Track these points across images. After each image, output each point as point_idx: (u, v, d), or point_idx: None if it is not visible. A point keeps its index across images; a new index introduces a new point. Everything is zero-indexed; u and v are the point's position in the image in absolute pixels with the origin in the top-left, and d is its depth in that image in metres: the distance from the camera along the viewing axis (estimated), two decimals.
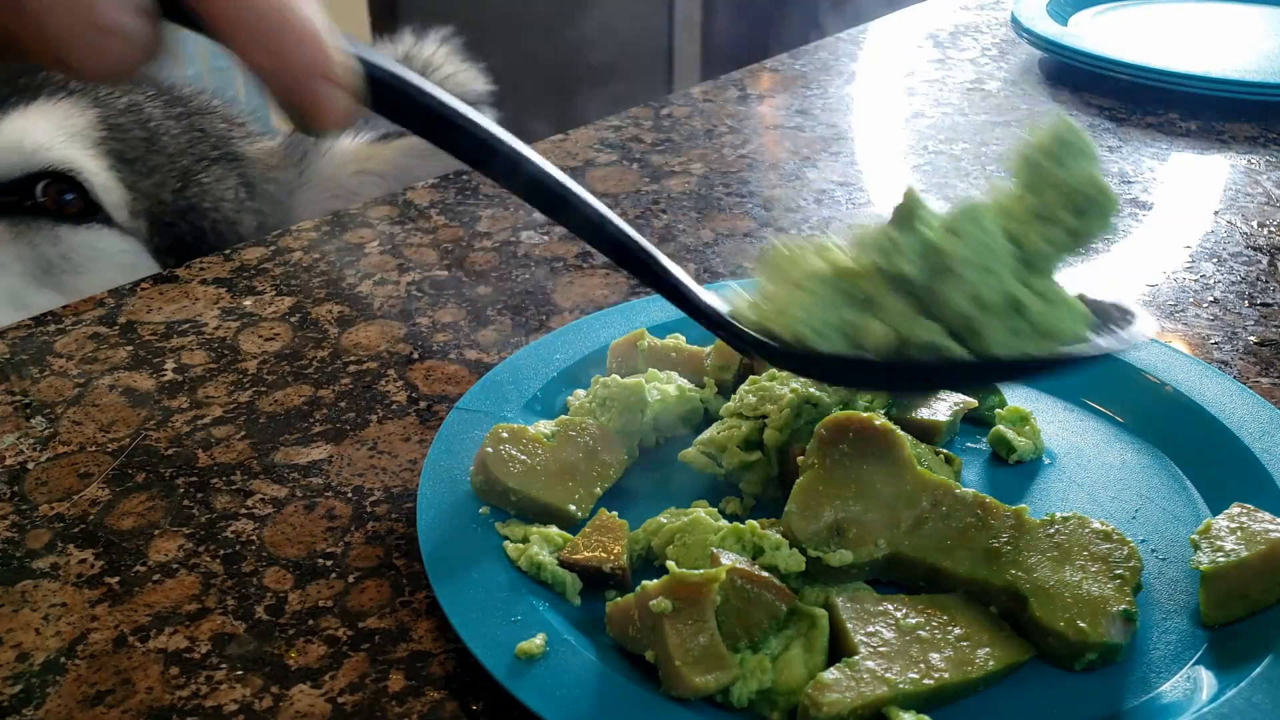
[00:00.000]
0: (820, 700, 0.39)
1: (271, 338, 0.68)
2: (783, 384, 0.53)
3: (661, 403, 0.55)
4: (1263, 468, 0.52)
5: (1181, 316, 0.70)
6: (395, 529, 0.52)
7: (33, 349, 0.67)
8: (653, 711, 0.40)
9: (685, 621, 0.41)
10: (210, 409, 0.61)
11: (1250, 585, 0.45)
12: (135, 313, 0.71)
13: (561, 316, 0.70)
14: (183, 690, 0.43)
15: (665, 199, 0.86)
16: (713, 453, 0.53)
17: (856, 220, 0.42)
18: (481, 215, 0.84)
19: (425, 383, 0.63)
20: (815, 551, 0.45)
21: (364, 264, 0.77)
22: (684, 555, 0.46)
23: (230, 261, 0.77)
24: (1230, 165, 0.93)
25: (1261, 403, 0.56)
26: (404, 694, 0.43)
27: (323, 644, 0.45)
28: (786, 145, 0.97)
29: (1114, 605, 0.43)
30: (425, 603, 0.47)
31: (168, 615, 0.47)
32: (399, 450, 0.57)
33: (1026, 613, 0.44)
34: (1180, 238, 0.81)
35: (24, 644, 0.46)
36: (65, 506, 0.53)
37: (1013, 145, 0.43)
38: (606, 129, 1.00)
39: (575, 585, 0.46)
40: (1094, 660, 0.43)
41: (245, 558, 0.50)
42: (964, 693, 0.42)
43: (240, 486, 0.55)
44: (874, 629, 0.43)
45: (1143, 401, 0.58)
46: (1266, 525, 0.46)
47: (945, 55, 1.22)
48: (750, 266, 0.75)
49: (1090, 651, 0.42)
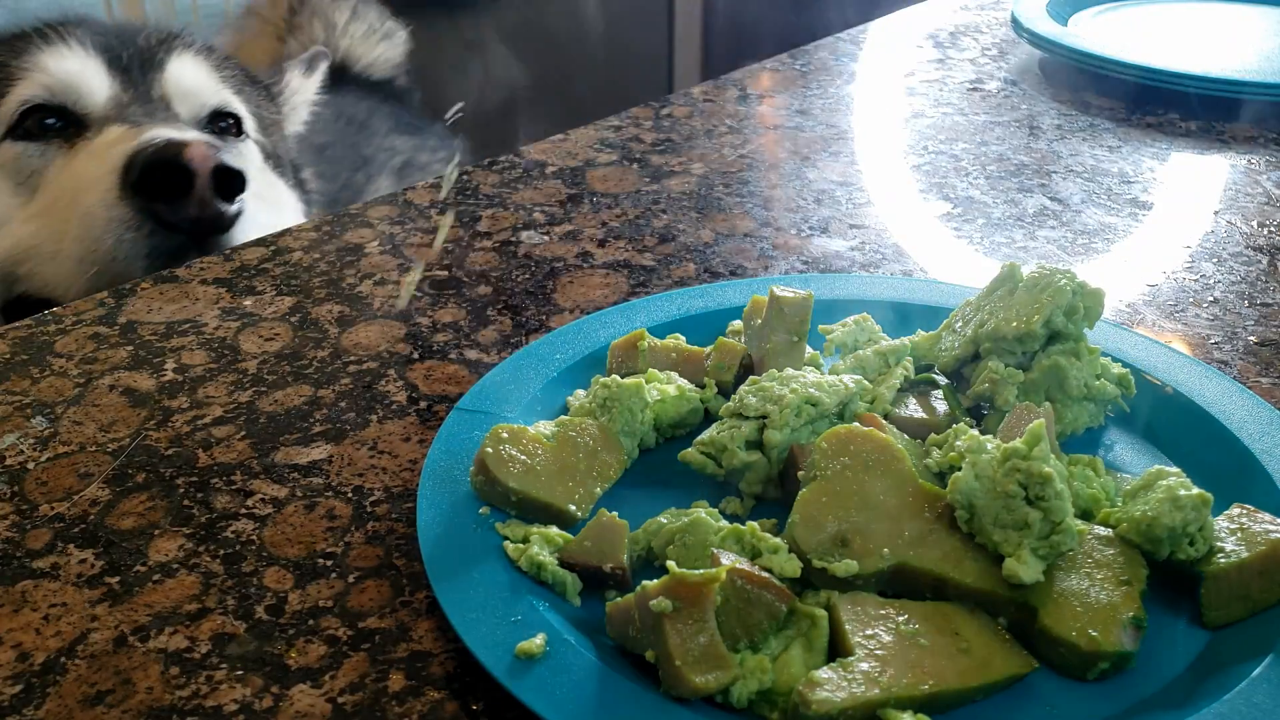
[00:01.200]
0: (810, 698, 0.39)
1: (271, 338, 0.68)
2: (782, 384, 0.53)
3: (661, 403, 0.55)
4: (1262, 468, 0.52)
5: (1181, 316, 0.70)
6: (395, 529, 0.52)
7: (33, 349, 0.67)
8: (653, 711, 0.40)
9: (685, 621, 0.41)
10: (210, 409, 0.61)
11: (1251, 586, 0.45)
12: (135, 313, 0.71)
13: (561, 316, 0.70)
14: (183, 690, 0.43)
15: (665, 199, 0.86)
16: (712, 453, 0.53)
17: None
18: (481, 215, 0.84)
19: (425, 383, 0.63)
20: (820, 562, 0.45)
21: (364, 264, 0.77)
22: (684, 555, 0.46)
23: (230, 262, 0.77)
24: (1230, 165, 0.93)
25: (1261, 403, 0.56)
26: (404, 694, 0.43)
27: (323, 644, 0.45)
28: (786, 145, 0.97)
29: (1124, 612, 0.43)
30: (425, 603, 0.47)
31: (168, 615, 0.47)
32: (399, 450, 0.57)
33: (1036, 623, 0.43)
34: (1180, 238, 0.81)
35: (24, 644, 0.46)
36: (65, 506, 0.53)
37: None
38: (606, 129, 1.00)
39: (575, 585, 0.46)
40: (1106, 669, 0.43)
41: (245, 558, 0.50)
42: (962, 700, 0.42)
43: (240, 486, 0.55)
44: (873, 631, 0.43)
45: (1143, 401, 0.58)
46: (1266, 526, 0.46)
47: (945, 55, 1.22)
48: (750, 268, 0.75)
49: (1103, 661, 0.42)
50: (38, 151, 0.91)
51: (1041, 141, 0.98)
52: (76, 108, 0.92)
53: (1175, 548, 0.46)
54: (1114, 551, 0.46)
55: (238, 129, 1.01)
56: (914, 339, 0.60)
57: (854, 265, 0.76)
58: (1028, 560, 0.44)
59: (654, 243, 0.79)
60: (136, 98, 0.94)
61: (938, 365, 0.59)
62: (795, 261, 0.77)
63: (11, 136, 0.92)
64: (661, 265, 0.76)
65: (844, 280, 0.68)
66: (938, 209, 0.86)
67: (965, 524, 0.46)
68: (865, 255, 0.78)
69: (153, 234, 0.83)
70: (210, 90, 0.99)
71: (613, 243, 0.79)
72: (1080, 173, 0.91)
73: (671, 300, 0.66)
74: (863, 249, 0.79)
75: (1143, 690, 0.42)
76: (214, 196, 0.83)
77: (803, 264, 0.77)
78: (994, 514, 0.45)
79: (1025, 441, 0.45)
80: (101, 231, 0.83)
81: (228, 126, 1.00)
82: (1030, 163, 0.93)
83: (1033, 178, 0.91)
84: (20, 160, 0.91)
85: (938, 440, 0.51)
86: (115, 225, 0.83)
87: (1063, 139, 0.98)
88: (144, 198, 0.82)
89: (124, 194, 0.83)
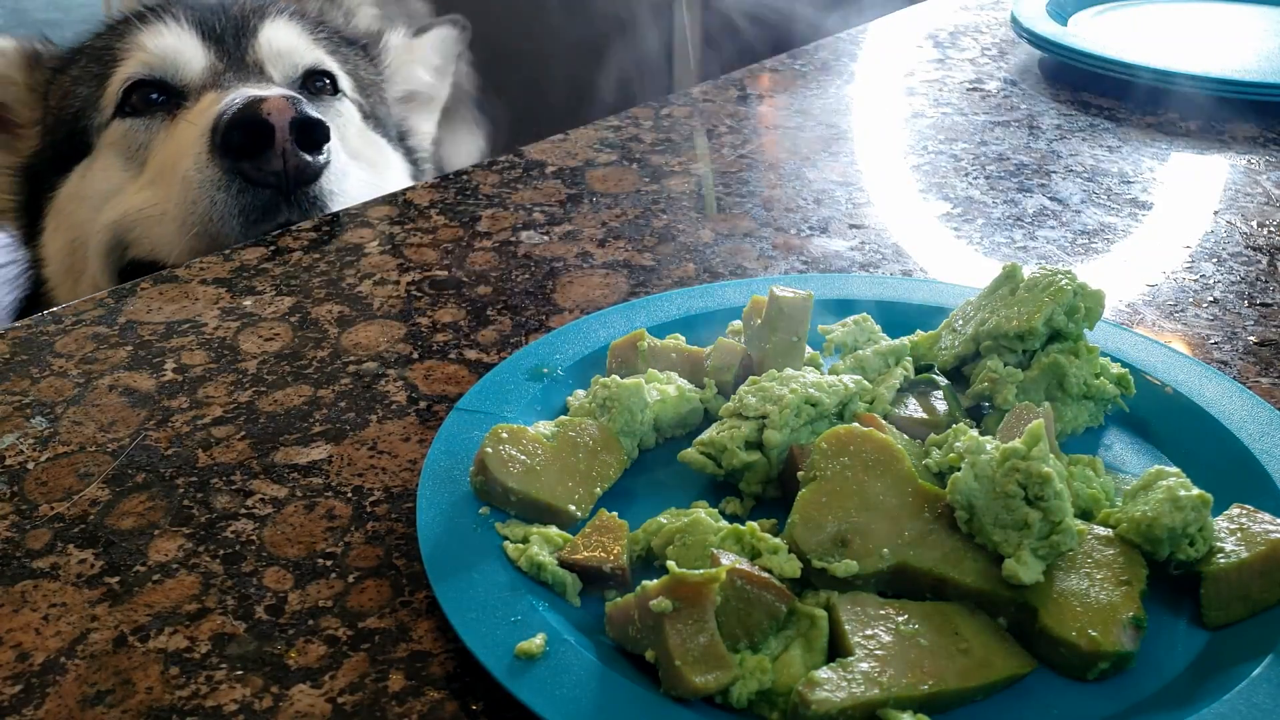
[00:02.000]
0: (809, 697, 0.40)
1: (271, 338, 0.68)
2: (782, 384, 0.53)
3: (661, 403, 0.55)
4: (1262, 468, 0.52)
5: (1181, 316, 0.70)
6: (395, 529, 0.52)
7: (33, 349, 0.67)
8: (652, 711, 0.40)
9: (685, 621, 0.41)
10: (210, 409, 0.61)
11: (1251, 586, 0.45)
12: (135, 313, 0.71)
13: (561, 316, 0.70)
14: (183, 690, 0.43)
15: (665, 199, 0.86)
16: (712, 453, 0.53)
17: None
18: (481, 215, 0.84)
19: (425, 383, 0.63)
20: (820, 562, 0.45)
21: (364, 264, 0.77)
22: (684, 556, 0.46)
23: (230, 261, 0.77)
24: (1230, 165, 0.93)
25: (1260, 403, 0.56)
26: (404, 694, 0.43)
27: (323, 644, 0.45)
28: (786, 145, 0.97)
29: (1123, 612, 0.43)
30: (425, 603, 0.47)
31: (168, 615, 0.47)
32: (399, 450, 0.57)
33: (1036, 623, 0.43)
34: (1180, 238, 0.81)
35: (24, 644, 0.45)
36: (65, 506, 0.53)
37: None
38: (606, 129, 1.00)
39: (575, 585, 0.46)
40: (1106, 670, 0.42)
41: (245, 558, 0.50)
42: (961, 700, 0.42)
43: (240, 486, 0.55)
44: (873, 632, 0.43)
45: (1143, 402, 0.58)
46: (1266, 526, 0.46)
47: (945, 55, 1.22)
48: (749, 268, 0.75)
49: (1103, 661, 0.42)
50: (144, 126, 0.95)
51: (1041, 141, 0.98)
52: (175, 80, 0.96)
53: (1175, 548, 0.46)
54: (1114, 552, 0.46)
55: (334, 88, 1.03)
56: (914, 339, 0.60)
57: (854, 265, 0.76)
58: (1027, 560, 0.44)
59: (654, 243, 0.79)
60: (231, 65, 0.97)
61: (937, 365, 0.59)
62: (795, 261, 0.77)
63: (119, 115, 0.96)
64: (661, 265, 0.76)
65: (844, 280, 0.68)
66: (938, 209, 0.86)
67: (965, 524, 0.46)
68: (865, 255, 0.78)
69: (241, 191, 0.85)
70: (303, 50, 1.02)
71: (612, 243, 0.79)
72: (1080, 173, 0.91)
73: (671, 300, 0.66)
74: (863, 249, 0.79)
75: (1143, 690, 0.42)
76: (295, 148, 0.85)
77: (803, 264, 0.77)
78: (994, 514, 0.45)
79: (1025, 441, 0.45)
80: (197, 193, 0.86)
81: (323, 86, 1.02)
82: (1030, 163, 0.93)
83: (1033, 178, 0.91)
84: (129, 136, 0.96)
85: (937, 440, 0.51)
86: (208, 186, 0.86)
87: (1063, 139, 0.98)
88: (231, 157, 0.85)
89: (212, 155, 0.86)
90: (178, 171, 0.88)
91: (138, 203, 0.93)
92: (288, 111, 0.84)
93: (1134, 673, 0.43)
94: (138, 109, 0.96)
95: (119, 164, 0.96)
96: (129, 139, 0.96)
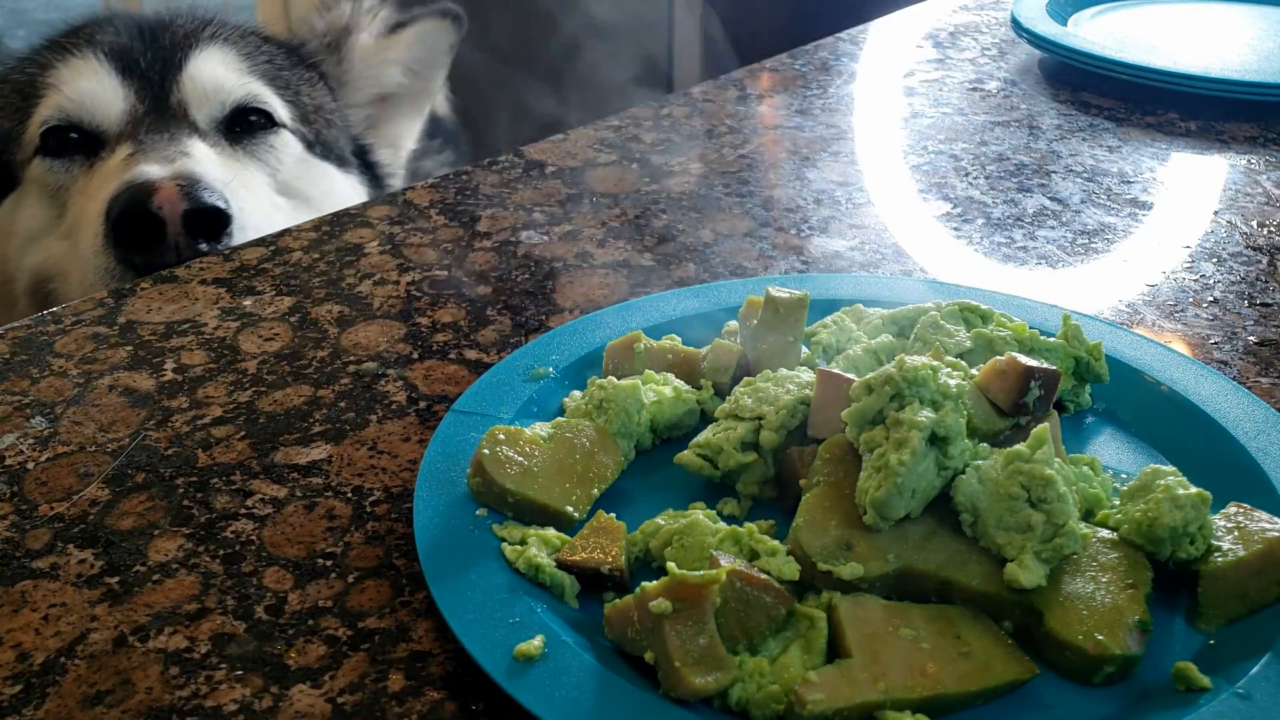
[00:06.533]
0: (806, 698, 0.40)
1: (271, 338, 0.68)
2: (778, 385, 0.53)
3: (658, 404, 0.55)
4: (1259, 467, 0.52)
5: (1181, 316, 0.70)
6: (395, 529, 0.52)
7: (32, 349, 0.67)
8: (652, 713, 0.40)
9: (685, 623, 0.41)
10: (210, 409, 0.61)
11: (1248, 585, 0.45)
12: (135, 313, 0.71)
13: (561, 316, 0.70)
14: (183, 690, 0.43)
15: (665, 199, 0.86)
16: (709, 455, 0.53)
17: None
18: (481, 215, 0.84)
19: (425, 383, 0.63)
20: (826, 565, 0.45)
21: (364, 264, 0.77)
22: (682, 557, 0.46)
23: (230, 261, 0.78)
24: (1230, 165, 0.93)
25: (1257, 402, 0.56)
26: (404, 694, 0.43)
27: (323, 644, 0.45)
28: (786, 145, 0.97)
29: (1129, 616, 0.43)
30: (425, 603, 0.47)
31: (168, 615, 0.47)
32: (399, 450, 0.57)
33: (1042, 627, 0.43)
34: (1180, 238, 0.81)
35: (24, 644, 0.46)
36: (65, 506, 0.54)
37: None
38: (606, 129, 1.00)
39: (573, 587, 0.46)
40: (1112, 673, 0.42)
41: (245, 558, 0.50)
42: (961, 704, 0.41)
43: (240, 486, 0.55)
44: (873, 634, 0.43)
45: (1140, 401, 0.58)
46: (1264, 524, 0.46)
47: (945, 55, 1.22)
48: (749, 268, 0.75)
49: (1109, 665, 0.42)
50: (63, 168, 0.93)
51: (1041, 141, 0.98)
52: (91, 125, 0.93)
53: (1176, 547, 0.46)
54: (1118, 554, 0.45)
55: (269, 120, 0.99)
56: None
57: (854, 265, 0.76)
58: (1029, 564, 0.44)
59: (654, 243, 0.79)
60: (152, 109, 0.94)
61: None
62: (795, 261, 0.77)
63: (40, 154, 0.94)
64: (661, 265, 0.76)
65: (843, 280, 0.68)
66: (937, 209, 0.86)
67: (969, 527, 0.46)
68: (865, 255, 0.78)
69: (140, 272, 0.82)
70: (232, 85, 0.97)
71: (612, 243, 0.79)
72: (1080, 173, 0.91)
73: (667, 301, 0.66)
74: (862, 249, 0.79)
75: (1142, 690, 0.42)
76: (189, 242, 0.82)
77: (802, 264, 0.77)
78: (997, 516, 0.45)
79: (1028, 445, 0.45)
80: (94, 277, 0.85)
81: (256, 121, 0.98)
82: (1030, 163, 0.93)
83: (1032, 178, 0.91)
84: (49, 176, 0.94)
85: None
86: (102, 274, 0.85)
87: (1063, 139, 0.98)
88: (123, 248, 0.83)
89: (106, 242, 0.84)
90: (85, 237, 0.86)
91: (56, 253, 0.91)
92: (179, 204, 0.81)
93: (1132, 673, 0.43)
94: (57, 150, 0.92)
95: (43, 203, 0.94)
96: (50, 179, 0.93)
